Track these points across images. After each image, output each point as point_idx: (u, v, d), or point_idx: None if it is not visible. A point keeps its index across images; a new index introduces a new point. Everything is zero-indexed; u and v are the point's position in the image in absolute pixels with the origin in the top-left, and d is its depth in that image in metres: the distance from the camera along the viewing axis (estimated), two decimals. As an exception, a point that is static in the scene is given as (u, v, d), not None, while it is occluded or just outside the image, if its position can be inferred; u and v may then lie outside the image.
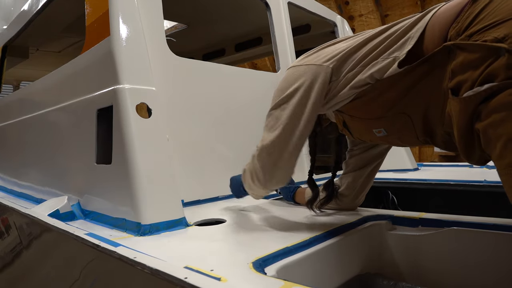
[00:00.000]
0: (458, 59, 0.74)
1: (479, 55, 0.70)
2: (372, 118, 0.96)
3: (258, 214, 1.26)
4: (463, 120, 0.75)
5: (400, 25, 0.88)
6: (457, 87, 0.75)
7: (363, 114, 0.97)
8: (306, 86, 0.96)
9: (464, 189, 1.70)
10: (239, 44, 3.18)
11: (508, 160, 0.68)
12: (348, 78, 0.93)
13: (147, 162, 1.10)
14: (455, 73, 0.75)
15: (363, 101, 0.94)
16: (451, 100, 0.77)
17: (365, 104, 0.94)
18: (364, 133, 1.03)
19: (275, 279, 0.66)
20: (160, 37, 1.47)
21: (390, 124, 0.94)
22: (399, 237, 1.08)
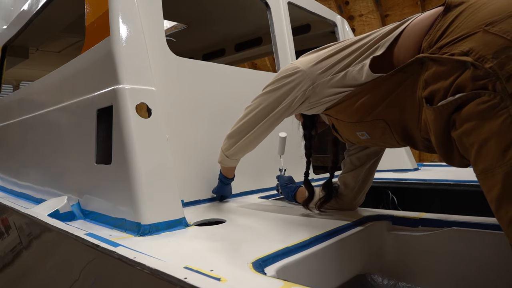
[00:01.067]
0: (430, 70, 0.78)
1: (448, 67, 0.74)
2: (354, 122, 1.00)
3: (258, 214, 1.26)
4: (439, 128, 0.79)
5: (376, 35, 0.93)
6: (430, 96, 0.79)
7: (346, 118, 1.02)
8: (289, 87, 1.06)
9: (464, 189, 1.70)
10: (239, 44, 3.18)
11: (482, 166, 0.71)
12: (327, 81, 1.00)
13: (147, 162, 1.10)
14: (428, 83, 0.79)
15: (345, 105, 0.99)
16: (426, 109, 0.80)
17: (347, 108, 0.99)
18: (350, 136, 1.08)
19: (275, 279, 0.66)
20: (160, 37, 1.47)
21: (371, 129, 0.99)
22: (399, 237, 1.08)
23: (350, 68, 0.95)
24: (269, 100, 1.11)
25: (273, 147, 1.85)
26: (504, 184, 0.66)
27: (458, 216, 1.06)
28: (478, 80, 0.69)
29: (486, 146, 0.68)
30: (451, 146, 0.80)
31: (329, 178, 1.28)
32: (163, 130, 1.19)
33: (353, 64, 0.95)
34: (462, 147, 0.75)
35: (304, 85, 1.03)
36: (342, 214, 1.21)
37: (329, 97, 1.01)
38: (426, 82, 0.80)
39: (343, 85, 0.97)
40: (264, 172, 1.77)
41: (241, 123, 1.21)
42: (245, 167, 1.71)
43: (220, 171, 1.47)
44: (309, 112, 1.13)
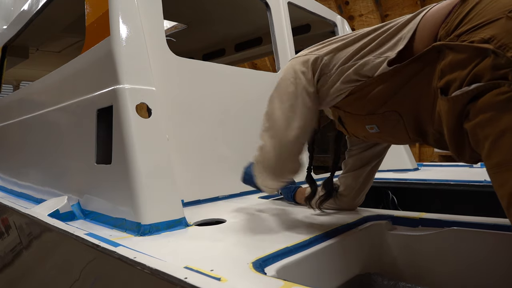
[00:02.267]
0: (447, 59, 0.75)
1: (466, 55, 0.71)
2: (364, 114, 0.97)
3: (258, 214, 1.26)
4: (452, 120, 0.76)
5: (393, 24, 0.90)
6: (446, 87, 0.76)
7: (356, 110, 0.98)
8: (296, 78, 1.02)
9: (464, 189, 1.70)
10: (239, 44, 3.18)
11: (496, 160, 0.68)
12: (340, 72, 0.96)
13: (147, 162, 1.10)
14: (444, 73, 0.76)
15: (356, 97, 0.95)
16: (440, 100, 0.78)
17: (358, 100, 0.95)
18: (358, 129, 1.05)
19: (275, 279, 0.66)
20: (160, 37, 1.47)
21: (382, 121, 0.95)
22: (399, 237, 1.08)
23: (368, 58, 0.90)
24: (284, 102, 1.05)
25: (273, 147, 1.85)
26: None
27: (458, 216, 1.06)
28: (498, 69, 0.66)
29: (502, 139, 0.66)
30: (463, 139, 0.77)
31: (330, 177, 1.28)
32: (163, 130, 1.19)
33: (370, 55, 0.91)
34: (474, 140, 0.72)
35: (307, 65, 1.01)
36: (342, 214, 1.21)
37: (342, 86, 0.96)
38: (442, 71, 0.76)
39: (357, 76, 0.93)
40: (264, 172, 1.77)
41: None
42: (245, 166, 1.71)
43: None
44: (324, 106, 1.08)
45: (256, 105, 1.83)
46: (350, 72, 0.93)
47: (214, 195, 1.55)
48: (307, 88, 1.00)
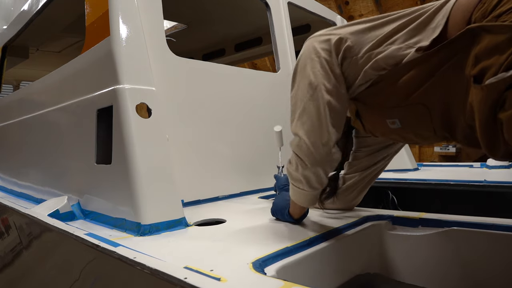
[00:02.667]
0: (483, 43, 0.68)
1: (506, 37, 0.64)
2: (387, 107, 0.89)
3: (258, 214, 1.26)
4: (485, 110, 0.68)
5: (426, 10, 0.82)
6: (480, 74, 0.68)
7: (378, 102, 0.91)
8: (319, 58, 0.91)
9: (464, 189, 1.70)
10: (239, 44, 3.18)
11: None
12: (368, 57, 0.87)
13: (147, 162, 1.10)
14: (479, 59, 0.69)
15: (380, 88, 0.88)
16: (473, 89, 0.71)
17: (381, 91, 0.88)
18: (377, 124, 0.97)
19: (275, 279, 0.66)
20: (160, 37, 1.47)
21: (406, 115, 0.88)
22: (399, 237, 1.08)
23: (400, 46, 0.82)
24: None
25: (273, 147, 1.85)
26: None
27: (458, 216, 1.06)
28: None
29: None
30: (496, 133, 0.69)
31: (336, 174, 1.23)
32: (163, 130, 1.19)
33: (402, 41, 0.82)
34: (510, 132, 0.66)
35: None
36: (342, 214, 1.21)
37: (369, 72, 0.88)
38: (477, 58, 0.69)
39: (385, 64, 0.84)
40: (264, 172, 1.77)
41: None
42: (245, 167, 1.72)
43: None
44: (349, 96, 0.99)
45: (256, 105, 1.83)
46: (380, 58, 0.85)
47: (214, 195, 1.55)
48: (334, 70, 0.91)
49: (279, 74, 1.98)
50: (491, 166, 2.18)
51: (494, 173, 1.97)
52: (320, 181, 0.98)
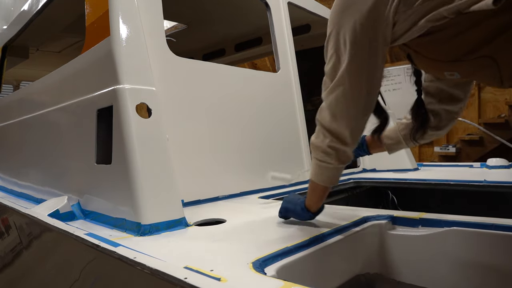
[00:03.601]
0: None
1: None
2: (445, 61, 0.79)
3: (258, 214, 1.26)
4: None
5: None
6: None
7: (434, 55, 0.80)
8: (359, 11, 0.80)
9: (464, 189, 1.70)
10: (239, 44, 3.18)
11: None
12: (427, 7, 0.73)
13: (147, 162, 1.10)
14: None
15: (436, 39, 0.76)
16: None
17: (438, 43, 0.77)
18: (432, 71, 0.89)
19: (275, 279, 0.66)
20: (160, 37, 1.47)
21: (468, 68, 0.78)
22: (399, 237, 1.08)
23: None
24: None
25: (273, 147, 1.85)
26: None
27: (458, 216, 1.06)
28: None
29: None
30: None
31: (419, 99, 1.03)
32: (163, 130, 1.19)
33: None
34: None
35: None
36: (342, 214, 1.21)
37: (426, 24, 0.75)
38: None
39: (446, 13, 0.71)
40: (264, 172, 1.77)
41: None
42: (245, 166, 1.72)
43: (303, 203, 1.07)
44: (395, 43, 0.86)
45: (256, 105, 1.83)
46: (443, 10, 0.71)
47: (214, 195, 1.55)
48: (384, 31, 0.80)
49: (279, 74, 1.98)
50: (491, 166, 2.18)
51: (494, 173, 1.97)
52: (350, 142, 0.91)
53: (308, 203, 1.04)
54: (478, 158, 5.22)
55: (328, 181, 0.98)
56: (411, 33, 0.78)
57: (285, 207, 1.11)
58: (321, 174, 0.97)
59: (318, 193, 1.02)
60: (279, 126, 1.90)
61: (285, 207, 1.11)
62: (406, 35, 0.79)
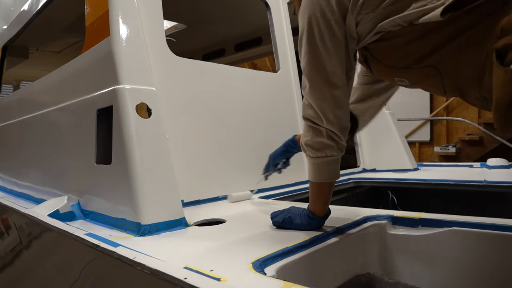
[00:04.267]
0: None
1: None
2: (396, 67, 0.84)
3: (258, 214, 1.26)
4: (506, 95, 0.62)
5: None
6: (504, 50, 0.61)
7: (387, 60, 0.85)
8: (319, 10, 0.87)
9: (464, 189, 1.70)
10: (239, 44, 3.18)
11: None
12: (386, 13, 0.79)
13: (147, 162, 1.10)
14: (506, 32, 0.61)
15: (390, 45, 0.82)
16: (496, 67, 0.63)
17: (391, 49, 0.82)
18: (384, 77, 0.94)
19: (275, 280, 0.66)
20: (160, 37, 1.47)
21: (416, 76, 0.83)
22: (399, 237, 1.08)
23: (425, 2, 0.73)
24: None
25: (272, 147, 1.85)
26: None
27: (458, 216, 1.06)
28: None
29: None
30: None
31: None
32: (163, 130, 1.19)
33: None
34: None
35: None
36: (342, 214, 1.21)
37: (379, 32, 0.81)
38: (504, 30, 0.61)
39: (401, 21, 0.76)
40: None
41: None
42: (245, 166, 1.72)
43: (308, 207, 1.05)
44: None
45: (256, 105, 1.83)
46: (398, 18, 0.77)
47: (214, 195, 1.55)
48: (338, 21, 0.86)
49: (279, 74, 1.98)
50: (491, 166, 2.18)
51: (494, 173, 1.98)
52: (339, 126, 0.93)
53: (313, 208, 1.01)
54: (478, 158, 5.22)
55: (329, 174, 0.98)
56: (370, 36, 0.84)
57: (286, 220, 1.05)
58: (326, 171, 0.97)
59: (324, 193, 1.00)
60: (279, 126, 1.90)
61: (288, 220, 1.05)
62: (367, 37, 0.84)
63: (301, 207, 1.08)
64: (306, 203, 1.08)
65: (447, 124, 6.27)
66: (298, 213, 1.04)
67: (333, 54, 0.89)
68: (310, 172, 1.00)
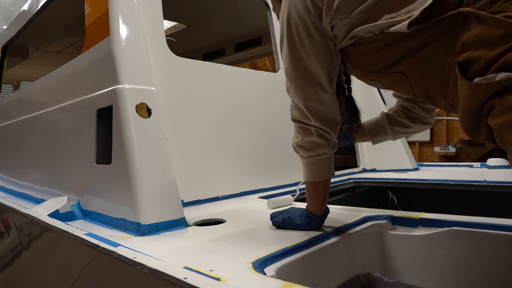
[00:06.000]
0: (472, 31, 0.63)
1: (499, 32, 0.58)
2: (369, 71, 0.88)
3: (258, 214, 1.26)
4: (471, 107, 0.65)
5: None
6: (466, 63, 0.64)
7: (361, 64, 0.89)
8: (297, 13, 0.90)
9: (464, 189, 1.70)
10: (239, 44, 3.18)
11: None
12: (360, 20, 0.82)
13: (147, 162, 1.10)
14: (467, 47, 0.64)
15: (363, 50, 0.85)
16: (460, 80, 0.66)
17: (364, 54, 0.86)
18: (360, 78, 0.97)
19: (275, 279, 0.66)
20: (160, 37, 1.47)
21: (387, 81, 0.87)
22: (399, 237, 1.08)
23: (394, 14, 0.76)
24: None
25: (272, 147, 1.85)
26: None
27: (458, 216, 1.06)
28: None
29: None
30: (479, 125, 0.67)
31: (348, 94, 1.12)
32: (163, 130, 1.19)
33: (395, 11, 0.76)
34: (499, 139, 0.63)
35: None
36: (342, 214, 1.21)
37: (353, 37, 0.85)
38: (465, 45, 0.64)
39: (373, 29, 0.79)
40: (264, 172, 1.77)
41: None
42: (245, 167, 1.72)
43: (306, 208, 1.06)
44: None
45: (255, 105, 1.83)
46: (371, 25, 0.80)
47: (214, 195, 1.55)
48: (315, 23, 0.89)
49: (279, 74, 1.98)
50: (491, 166, 2.18)
51: (494, 173, 1.97)
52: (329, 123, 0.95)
53: (311, 208, 1.02)
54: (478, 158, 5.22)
55: (324, 172, 0.99)
56: (346, 40, 0.87)
57: (285, 220, 1.05)
58: (320, 170, 0.99)
59: (320, 192, 1.01)
60: (279, 126, 1.90)
61: (286, 220, 1.05)
62: (343, 41, 0.88)
63: (300, 208, 1.08)
64: (306, 203, 1.08)
65: (447, 124, 6.27)
66: (298, 213, 1.04)
67: (312, 55, 0.91)
68: (305, 173, 1.01)
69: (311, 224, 1.01)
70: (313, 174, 0.99)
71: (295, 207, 1.11)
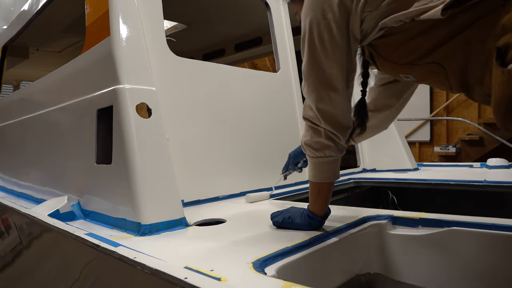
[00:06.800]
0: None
1: None
2: (400, 63, 0.84)
3: (258, 214, 1.27)
4: (504, 96, 0.61)
5: None
6: (505, 48, 0.60)
7: (391, 57, 0.86)
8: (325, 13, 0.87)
9: (464, 189, 1.70)
10: (239, 44, 3.18)
11: None
12: (389, 10, 0.79)
13: (147, 162, 1.10)
14: (507, 30, 0.60)
15: (393, 41, 0.82)
16: (494, 67, 0.63)
17: (394, 45, 0.83)
18: (390, 72, 0.95)
19: (275, 279, 0.66)
20: (160, 37, 1.47)
21: (421, 73, 0.83)
22: (399, 237, 1.08)
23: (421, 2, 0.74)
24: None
25: (272, 147, 1.85)
26: None
27: (458, 216, 1.06)
28: None
29: None
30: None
31: (362, 98, 1.08)
32: (163, 130, 1.20)
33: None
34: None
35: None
36: (342, 214, 1.21)
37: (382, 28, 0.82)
38: (505, 28, 0.60)
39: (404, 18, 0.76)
40: (264, 172, 1.77)
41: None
42: (245, 166, 1.72)
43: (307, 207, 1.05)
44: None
45: (256, 105, 1.83)
46: (400, 14, 0.77)
47: (214, 195, 1.55)
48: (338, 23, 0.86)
49: (279, 74, 1.98)
50: (491, 166, 2.18)
51: (494, 173, 1.98)
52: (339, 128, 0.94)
53: (313, 208, 1.02)
54: (478, 158, 5.22)
55: (333, 175, 0.99)
56: (374, 33, 0.84)
57: (285, 220, 1.05)
58: (325, 171, 0.98)
59: (323, 193, 1.01)
60: (279, 126, 1.90)
61: (287, 219, 1.05)
62: (372, 34, 0.85)
63: (301, 207, 1.08)
64: (306, 203, 1.08)
65: (447, 124, 6.27)
66: (298, 213, 1.04)
67: (331, 56, 0.89)
68: (310, 172, 1.01)
69: (311, 224, 1.01)
70: (318, 174, 0.99)
71: (295, 207, 1.11)
